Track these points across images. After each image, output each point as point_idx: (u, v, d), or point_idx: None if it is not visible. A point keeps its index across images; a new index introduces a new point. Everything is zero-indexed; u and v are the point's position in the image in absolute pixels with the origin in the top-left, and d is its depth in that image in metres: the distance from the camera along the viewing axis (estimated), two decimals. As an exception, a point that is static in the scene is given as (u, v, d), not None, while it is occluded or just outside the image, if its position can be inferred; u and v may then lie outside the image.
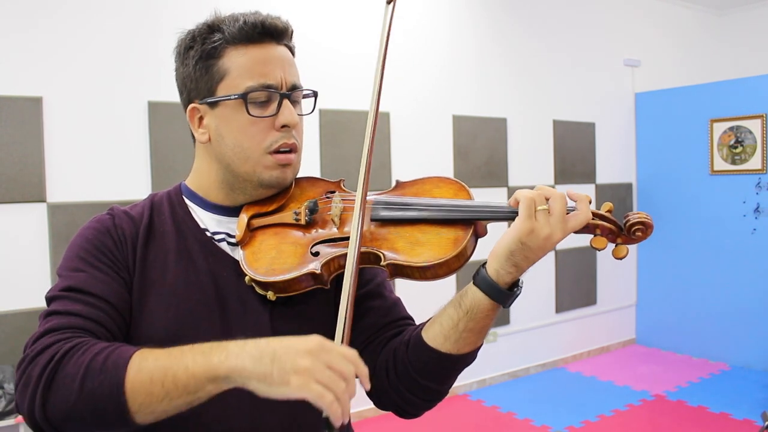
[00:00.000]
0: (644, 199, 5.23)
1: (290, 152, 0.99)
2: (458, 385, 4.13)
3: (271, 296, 0.93)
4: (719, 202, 4.72)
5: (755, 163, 4.53)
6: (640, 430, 3.64)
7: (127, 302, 0.92)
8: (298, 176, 1.05)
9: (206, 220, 1.02)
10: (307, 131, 1.08)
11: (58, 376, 0.78)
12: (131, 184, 3.01)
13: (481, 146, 4.28)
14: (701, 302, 4.87)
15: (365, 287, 1.05)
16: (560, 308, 4.80)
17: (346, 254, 0.88)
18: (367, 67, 3.66)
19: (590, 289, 5.00)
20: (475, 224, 0.92)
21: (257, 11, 0.98)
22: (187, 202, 1.04)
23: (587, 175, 4.94)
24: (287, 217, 0.99)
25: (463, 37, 4.23)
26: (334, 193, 1.03)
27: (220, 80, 0.96)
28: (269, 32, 0.96)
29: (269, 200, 1.02)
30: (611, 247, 0.90)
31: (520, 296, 0.89)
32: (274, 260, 0.95)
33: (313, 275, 0.92)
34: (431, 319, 0.95)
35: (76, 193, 2.88)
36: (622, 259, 0.88)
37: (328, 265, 0.93)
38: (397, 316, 1.05)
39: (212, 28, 0.96)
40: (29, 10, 2.77)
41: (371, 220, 0.95)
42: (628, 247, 0.89)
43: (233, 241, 1.00)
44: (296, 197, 1.03)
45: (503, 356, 4.44)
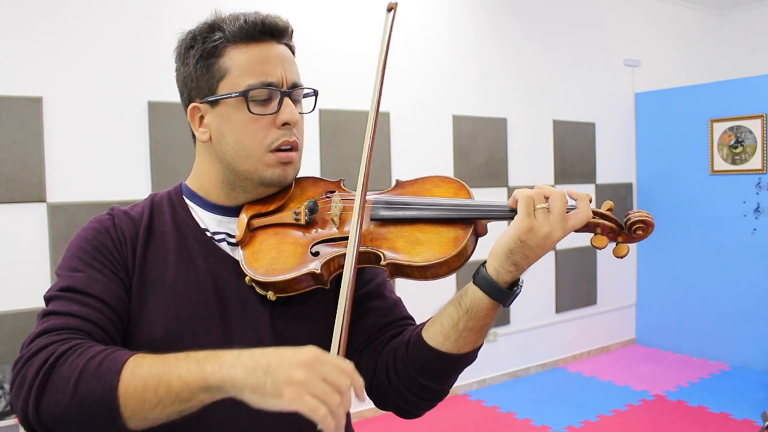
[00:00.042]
0: (644, 199, 5.23)
1: (291, 150, 0.99)
2: (458, 385, 4.13)
3: (271, 296, 0.93)
4: (719, 202, 4.72)
5: (755, 163, 4.53)
6: (640, 430, 3.63)
7: (124, 304, 0.92)
8: (298, 176, 1.05)
9: (206, 220, 1.02)
10: (307, 131, 1.08)
11: (52, 377, 0.78)
12: (131, 184, 3.01)
13: (481, 146, 4.28)
14: (701, 302, 4.86)
15: (366, 287, 1.05)
16: (560, 308, 4.80)
17: (345, 254, 0.88)
18: (367, 67, 3.66)
19: (590, 289, 4.99)
20: (475, 223, 0.91)
21: (257, 11, 0.98)
22: (187, 202, 1.04)
23: (587, 175, 4.94)
24: (287, 217, 0.99)
25: (463, 37, 4.23)
26: (333, 192, 1.03)
27: (220, 79, 0.96)
28: (270, 31, 0.97)
29: (269, 200, 1.02)
30: (612, 246, 0.90)
31: (520, 296, 0.89)
32: (274, 260, 0.94)
33: (313, 275, 0.92)
34: (431, 318, 0.95)
35: (76, 193, 2.88)
36: (622, 258, 0.88)
37: (328, 264, 0.93)
38: (397, 316, 1.05)
39: (213, 27, 0.97)
40: (29, 10, 2.77)
41: (371, 219, 0.95)
42: (628, 245, 0.89)
43: (233, 241, 1.00)
44: (296, 197, 1.03)
45: (503, 356, 4.44)
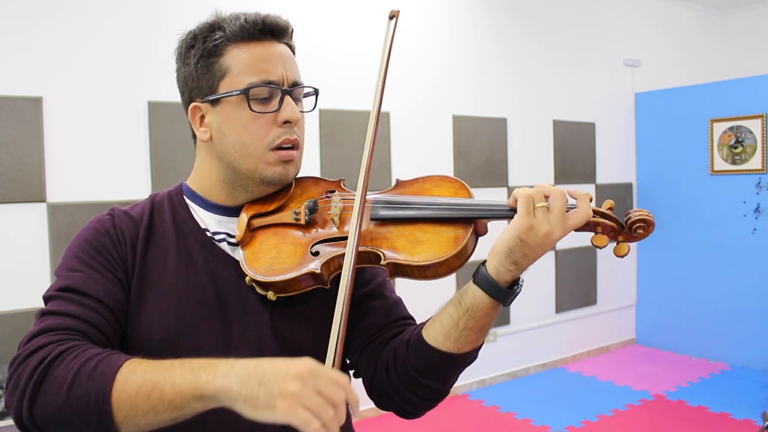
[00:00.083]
0: (644, 199, 5.23)
1: (292, 148, 0.99)
2: (458, 385, 4.13)
3: (271, 296, 0.93)
4: (719, 202, 4.72)
5: (755, 163, 4.53)
6: (640, 430, 3.63)
7: (123, 305, 0.92)
8: (298, 176, 1.05)
9: (207, 220, 1.02)
10: (307, 131, 1.08)
11: (47, 379, 0.78)
12: (131, 184, 3.01)
13: (481, 146, 4.28)
14: (701, 302, 4.86)
15: (366, 287, 1.05)
16: (560, 308, 4.80)
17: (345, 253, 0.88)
18: (367, 67, 3.66)
19: (590, 289, 4.99)
20: (475, 223, 0.91)
21: (258, 11, 0.98)
22: (187, 202, 1.04)
23: (587, 175, 4.94)
24: (287, 216, 0.99)
25: (463, 37, 4.23)
26: (333, 192, 1.03)
27: (221, 78, 0.96)
28: (270, 30, 0.97)
29: (269, 200, 1.02)
30: (612, 245, 0.89)
31: (520, 295, 0.89)
32: (274, 260, 0.94)
33: (313, 275, 0.92)
34: (431, 318, 0.95)
35: (76, 193, 2.88)
36: (623, 257, 0.88)
37: (328, 264, 0.93)
38: (398, 316, 1.05)
39: (213, 26, 0.97)
40: (29, 10, 2.77)
41: (371, 219, 0.95)
42: (629, 245, 0.88)
43: (233, 241, 1.00)
44: (296, 197, 1.03)
45: (503, 356, 4.44)
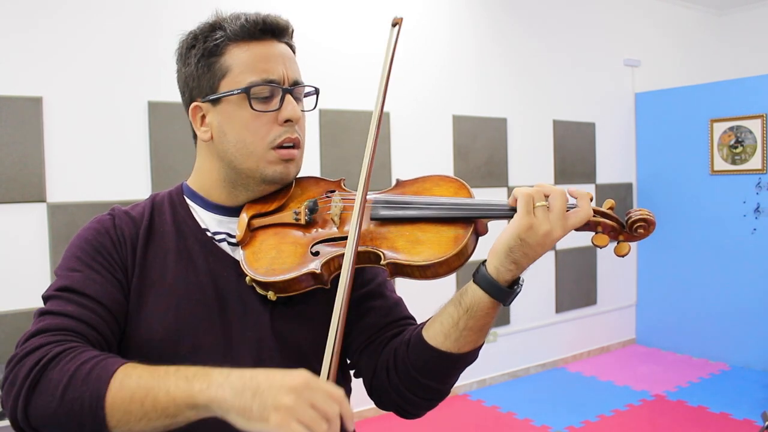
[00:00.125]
0: (644, 199, 5.23)
1: (293, 147, 0.99)
2: (458, 385, 4.12)
3: (271, 296, 0.93)
4: (719, 202, 4.72)
5: (755, 163, 4.53)
6: (640, 430, 3.63)
7: (121, 305, 0.92)
8: (298, 176, 1.05)
9: (207, 220, 1.02)
10: (307, 131, 1.08)
11: (42, 380, 0.78)
12: (131, 184, 3.01)
13: (481, 146, 4.28)
14: (701, 302, 4.86)
15: (366, 287, 1.05)
16: (560, 308, 4.80)
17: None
18: (367, 67, 3.66)
19: (590, 289, 4.99)
20: (475, 222, 0.91)
21: (258, 11, 0.99)
22: (188, 202, 1.04)
23: (587, 175, 4.94)
24: (287, 216, 0.99)
25: (463, 37, 4.23)
26: (334, 192, 1.03)
27: (222, 77, 0.96)
28: (270, 29, 0.97)
29: (269, 200, 1.02)
30: (613, 244, 0.89)
31: (520, 295, 0.89)
32: (274, 260, 0.94)
33: (313, 275, 0.92)
34: (432, 317, 0.95)
35: (76, 193, 2.88)
36: (624, 256, 0.88)
37: (328, 264, 0.92)
38: (398, 315, 1.05)
39: (214, 26, 0.97)
40: (29, 10, 2.77)
41: (371, 219, 0.95)
42: (630, 244, 0.88)
43: (234, 241, 1.00)
44: (296, 197, 1.03)
45: (503, 356, 4.44)
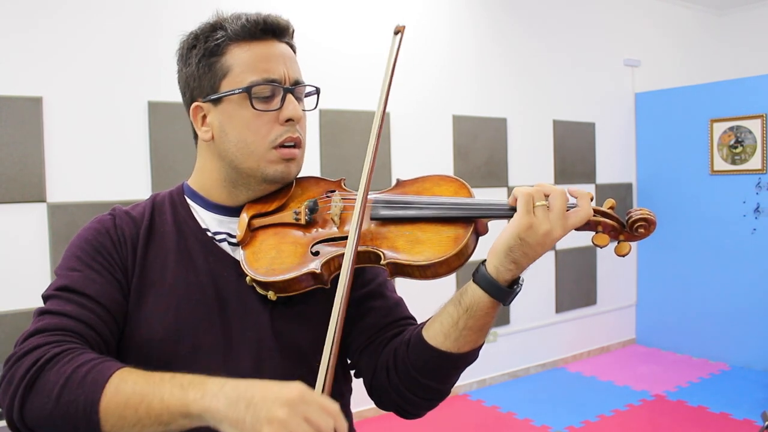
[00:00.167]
0: (644, 199, 5.23)
1: (294, 147, 0.99)
2: (458, 385, 4.12)
3: (271, 296, 0.93)
4: (719, 202, 4.72)
5: (755, 163, 4.53)
6: (640, 430, 3.63)
7: (120, 305, 0.92)
8: (299, 176, 1.05)
9: (208, 220, 1.02)
10: (307, 131, 1.08)
11: (39, 381, 0.78)
12: (131, 184, 3.01)
13: (481, 146, 4.28)
14: (701, 302, 4.86)
15: (367, 287, 1.05)
16: (560, 308, 4.80)
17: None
18: (367, 67, 3.66)
19: (590, 289, 4.99)
20: (475, 222, 0.91)
21: (259, 11, 0.99)
22: (189, 202, 1.04)
23: (587, 175, 4.94)
24: (287, 216, 0.99)
25: (463, 37, 4.23)
26: (334, 192, 1.02)
27: (223, 77, 0.96)
28: (271, 29, 0.97)
29: (270, 200, 1.02)
30: (613, 244, 0.89)
31: (520, 295, 0.89)
32: (274, 260, 0.94)
33: (313, 275, 0.92)
34: (432, 317, 0.94)
35: (76, 193, 2.88)
36: (624, 256, 0.87)
37: (328, 264, 0.92)
38: (398, 315, 1.05)
39: (215, 26, 0.97)
40: (29, 10, 2.77)
41: (371, 218, 0.95)
42: (630, 244, 0.88)
43: (234, 241, 1.00)
44: (297, 197, 1.03)
45: (503, 356, 4.44)
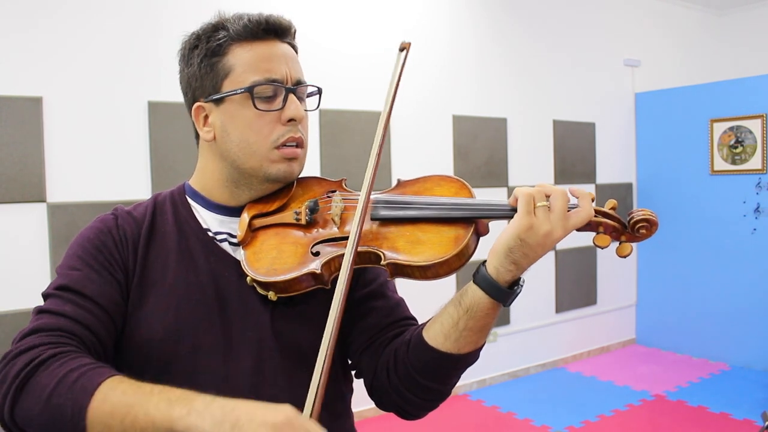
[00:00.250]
0: (644, 199, 5.23)
1: (296, 146, 0.99)
2: (458, 385, 4.11)
3: (272, 296, 0.93)
4: (719, 202, 4.72)
5: (755, 163, 4.53)
6: (640, 430, 3.63)
7: (119, 306, 0.92)
8: (300, 176, 1.05)
9: (209, 220, 1.02)
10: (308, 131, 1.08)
11: (31, 382, 0.78)
12: (131, 184, 3.01)
13: (481, 146, 4.28)
14: (701, 302, 4.86)
15: (368, 287, 1.05)
16: (560, 308, 4.80)
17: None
18: (368, 68, 3.66)
19: (590, 289, 4.99)
20: (476, 223, 0.91)
21: (260, 12, 0.99)
22: (190, 201, 1.04)
23: (587, 175, 4.94)
24: (288, 216, 0.99)
25: (463, 37, 4.23)
26: (335, 192, 1.03)
27: (225, 77, 0.96)
28: (273, 29, 0.97)
29: (271, 200, 1.02)
30: (614, 245, 0.89)
31: (520, 296, 0.88)
32: (274, 260, 0.94)
33: (313, 275, 0.92)
34: (432, 318, 0.94)
35: (76, 193, 2.88)
36: (626, 257, 0.87)
37: (328, 264, 0.92)
38: (399, 316, 1.05)
39: (217, 27, 0.97)
40: (29, 10, 2.77)
41: (371, 219, 0.95)
42: (632, 245, 0.88)
43: (235, 241, 1.00)
44: (298, 197, 1.03)
45: (503, 356, 4.44)
